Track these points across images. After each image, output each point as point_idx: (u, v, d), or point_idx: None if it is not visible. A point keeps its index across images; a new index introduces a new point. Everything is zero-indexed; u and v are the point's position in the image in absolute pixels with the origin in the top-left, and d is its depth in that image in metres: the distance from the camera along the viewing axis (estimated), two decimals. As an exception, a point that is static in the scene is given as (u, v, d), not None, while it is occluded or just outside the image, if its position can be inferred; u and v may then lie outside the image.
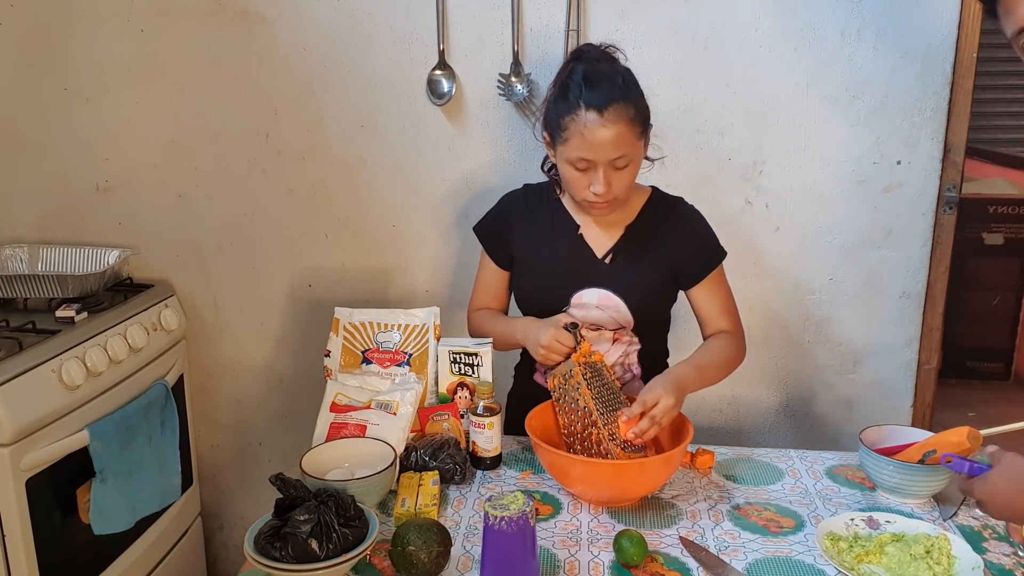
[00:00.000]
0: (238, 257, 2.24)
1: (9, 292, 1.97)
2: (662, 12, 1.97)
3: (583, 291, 1.63)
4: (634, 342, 1.67)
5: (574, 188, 1.54)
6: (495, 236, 1.73)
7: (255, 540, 1.18)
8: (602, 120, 1.44)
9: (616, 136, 1.45)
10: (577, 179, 1.51)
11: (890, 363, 2.15)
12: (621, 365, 1.67)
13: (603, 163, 1.47)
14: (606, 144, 1.45)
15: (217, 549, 2.48)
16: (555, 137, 1.52)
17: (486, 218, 1.75)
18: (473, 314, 1.77)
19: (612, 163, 1.48)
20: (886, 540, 1.27)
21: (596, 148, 1.46)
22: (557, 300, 1.64)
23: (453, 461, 1.49)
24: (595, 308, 1.63)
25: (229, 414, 2.38)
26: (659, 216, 1.65)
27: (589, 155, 1.47)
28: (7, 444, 1.57)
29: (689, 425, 1.45)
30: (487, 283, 1.75)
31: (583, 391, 1.46)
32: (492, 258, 1.73)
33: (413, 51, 2.03)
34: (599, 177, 1.48)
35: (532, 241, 1.68)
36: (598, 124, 1.45)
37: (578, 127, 1.46)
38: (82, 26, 2.10)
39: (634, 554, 1.24)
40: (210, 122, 2.15)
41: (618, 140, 1.46)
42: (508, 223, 1.71)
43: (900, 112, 1.98)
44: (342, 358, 1.68)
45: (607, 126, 1.45)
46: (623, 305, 1.61)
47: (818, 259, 2.09)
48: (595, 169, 1.48)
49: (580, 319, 1.62)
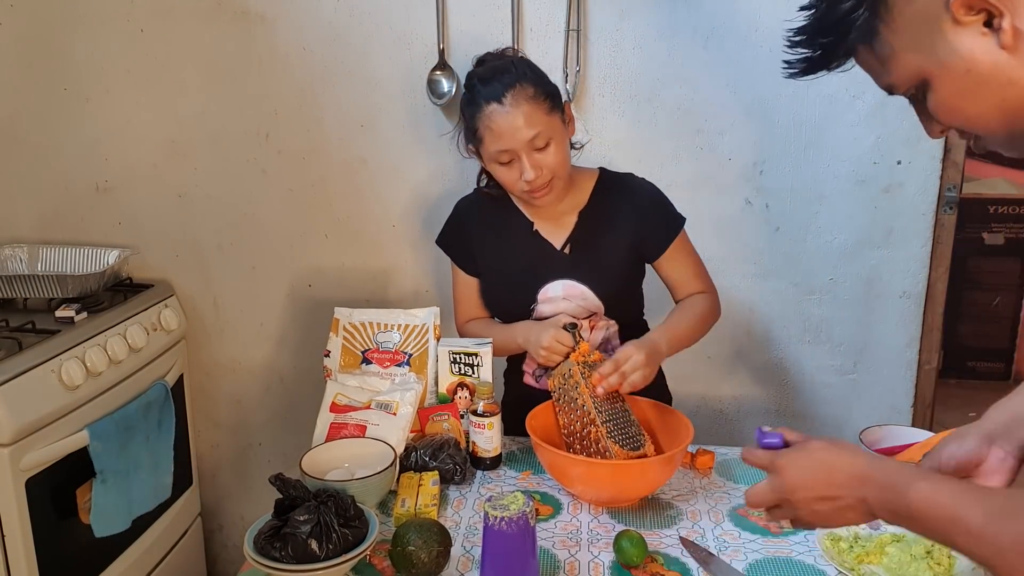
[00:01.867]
0: (238, 257, 2.24)
1: (9, 292, 1.97)
2: (662, 12, 1.97)
3: (547, 285, 1.63)
4: (611, 324, 1.67)
5: (509, 184, 1.55)
6: (458, 245, 1.73)
7: (255, 540, 1.18)
8: (503, 107, 1.48)
9: (523, 117, 1.48)
10: (507, 174, 1.53)
11: (890, 363, 2.15)
12: (606, 350, 1.67)
13: (522, 148, 1.49)
14: (515, 128, 1.48)
15: (217, 549, 2.48)
16: (475, 143, 1.55)
17: (445, 229, 1.75)
18: (465, 326, 1.76)
19: (531, 145, 1.49)
20: (887, 540, 1.26)
21: (507, 135, 1.48)
22: (523, 300, 1.64)
23: (453, 461, 1.49)
24: (562, 300, 1.63)
25: (229, 414, 2.38)
26: (611, 195, 1.65)
27: (504, 144, 1.49)
28: (7, 444, 1.57)
29: (689, 425, 1.45)
30: (466, 293, 1.75)
31: (582, 390, 1.46)
32: (461, 267, 1.74)
33: (413, 51, 2.03)
34: (524, 163, 1.50)
35: (490, 245, 1.69)
36: (501, 112, 1.48)
37: (486, 122, 1.50)
38: (82, 26, 2.10)
39: (634, 554, 1.24)
40: (210, 122, 2.14)
41: (527, 120, 1.48)
42: (466, 230, 1.72)
43: (900, 112, 1.98)
44: (342, 358, 1.68)
45: (510, 111, 1.48)
46: (589, 292, 1.62)
47: (818, 259, 2.09)
48: (518, 158, 1.50)
49: (550, 313, 1.63)
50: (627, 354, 1.46)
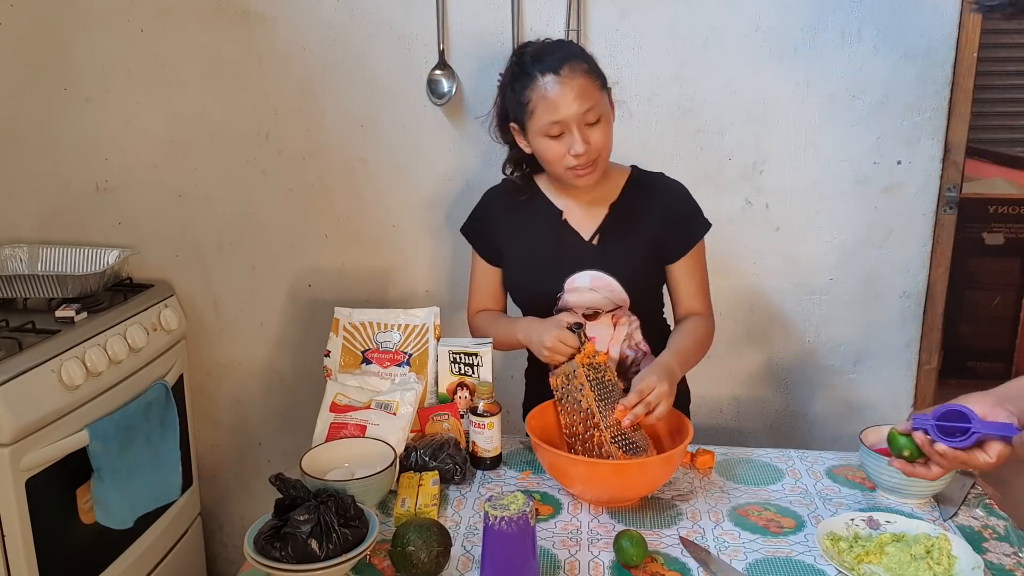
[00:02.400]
0: (238, 257, 2.24)
1: (9, 292, 1.97)
2: (662, 12, 1.97)
3: (574, 275, 1.62)
4: (633, 320, 1.66)
5: (554, 160, 1.54)
6: (481, 234, 1.73)
7: (255, 540, 1.18)
8: (560, 78, 1.48)
9: (578, 89, 1.48)
10: (554, 149, 1.52)
11: (890, 363, 2.15)
12: (629, 346, 1.66)
13: (574, 120, 1.49)
14: (570, 99, 1.48)
15: (217, 549, 2.48)
16: (521, 117, 1.54)
17: (470, 217, 1.75)
18: (474, 317, 1.76)
19: (583, 118, 1.49)
20: (886, 540, 1.26)
21: (563, 106, 1.48)
22: (549, 288, 1.63)
23: (453, 461, 1.49)
24: (589, 291, 1.62)
25: (229, 414, 2.38)
26: (643, 191, 1.65)
27: (558, 115, 1.48)
28: (7, 444, 1.58)
29: (689, 425, 1.45)
30: (482, 283, 1.75)
31: (586, 392, 1.45)
32: (482, 256, 1.73)
33: (413, 51, 2.03)
34: (575, 136, 1.49)
35: (517, 233, 1.68)
36: (557, 82, 1.48)
37: (540, 93, 1.49)
38: (82, 26, 2.10)
39: (634, 554, 1.24)
40: (210, 122, 2.15)
41: (581, 92, 1.48)
42: (491, 219, 1.71)
43: (900, 112, 1.98)
44: (342, 358, 1.68)
45: (567, 82, 1.48)
46: (616, 284, 1.61)
47: (818, 259, 2.09)
48: (568, 130, 1.49)
49: (575, 303, 1.62)
50: (650, 385, 1.43)
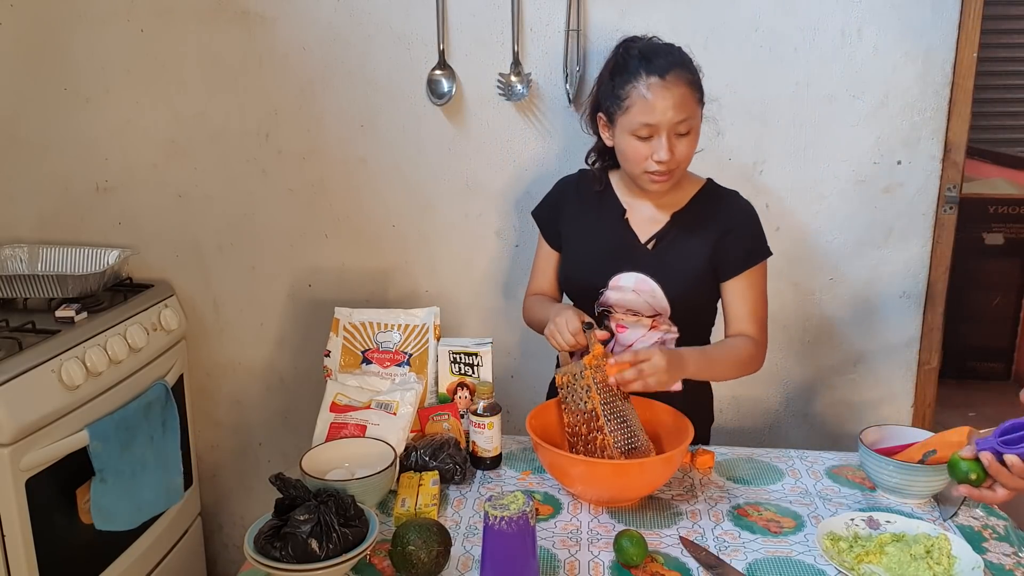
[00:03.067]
0: (238, 257, 2.24)
1: (9, 292, 1.97)
2: (662, 12, 1.97)
3: (621, 274, 1.62)
4: (672, 330, 1.65)
5: (634, 161, 1.53)
6: (548, 218, 1.75)
7: (255, 540, 1.18)
8: (664, 83, 1.47)
9: (679, 98, 1.47)
10: (638, 150, 1.51)
11: (890, 363, 2.15)
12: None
13: (666, 127, 1.48)
14: (668, 106, 1.47)
15: (217, 549, 2.48)
16: (614, 111, 1.52)
17: (541, 202, 1.78)
18: (527, 299, 1.79)
19: (675, 128, 1.49)
20: (886, 540, 1.27)
21: (659, 111, 1.47)
22: (595, 281, 1.64)
23: (453, 461, 1.49)
24: (631, 292, 1.62)
25: (229, 414, 2.38)
26: (709, 205, 1.64)
27: (652, 118, 1.47)
28: (7, 444, 1.57)
29: (689, 425, 1.45)
30: (542, 266, 1.78)
31: (592, 395, 1.45)
32: (546, 240, 1.76)
33: (413, 51, 2.03)
34: (662, 143, 1.48)
35: (579, 223, 1.69)
36: (660, 87, 1.47)
37: (640, 92, 1.48)
38: (82, 26, 2.10)
39: (634, 554, 1.24)
40: (210, 122, 2.14)
41: (680, 103, 1.47)
42: (559, 205, 1.73)
43: (900, 112, 1.98)
44: (342, 358, 1.68)
45: (669, 88, 1.47)
46: (659, 291, 1.60)
47: (818, 259, 2.09)
48: (658, 135, 1.49)
49: (616, 302, 1.62)
50: (648, 354, 1.43)
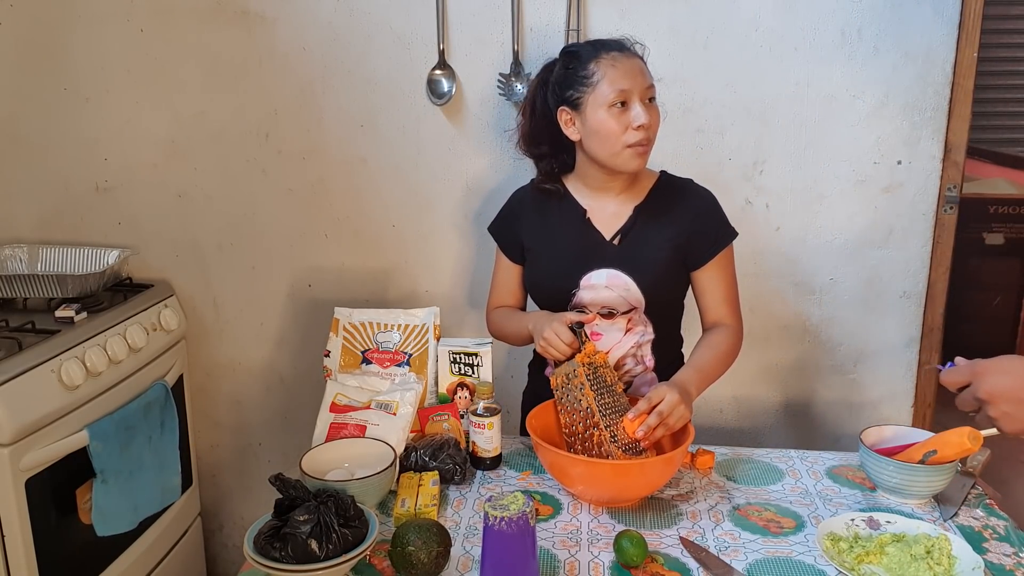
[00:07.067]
0: (238, 257, 2.24)
1: (9, 292, 1.97)
2: (662, 12, 1.97)
3: (591, 273, 1.62)
4: (647, 331, 1.65)
5: (613, 137, 1.53)
6: (506, 232, 1.75)
7: (255, 540, 1.18)
8: (624, 54, 1.54)
9: (642, 66, 1.55)
10: (616, 121, 1.52)
11: (890, 363, 2.15)
12: (633, 356, 1.66)
13: (638, 91, 1.52)
14: (637, 71, 1.53)
15: (217, 549, 2.48)
16: (581, 94, 1.54)
17: (498, 216, 1.77)
18: (491, 313, 1.78)
19: (645, 93, 1.53)
20: (886, 540, 1.26)
21: (629, 76, 1.52)
22: (566, 284, 1.64)
23: (453, 461, 1.49)
24: (604, 288, 1.62)
25: (229, 414, 2.38)
26: (669, 196, 1.65)
27: (625, 83, 1.51)
28: (7, 444, 1.57)
29: (690, 426, 1.45)
30: (502, 280, 1.77)
31: (586, 392, 1.45)
32: (505, 254, 1.75)
33: (413, 51, 2.03)
34: (638, 108, 1.52)
35: (540, 231, 1.69)
36: (623, 56, 1.54)
37: (606, 64, 1.53)
38: (82, 26, 2.10)
39: (634, 554, 1.24)
40: (210, 122, 2.15)
41: (644, 70, 1.55)
42: (516, 218, 1.73)
43: (900, 112, 1.98)
44: (342, 358, 1.68)
45: (631, 58, 1.55)
46: (632, 283, 1.60)
47: (818, 259, 2.09)
48: (632, 101, 1.52)
49: (591, 301, 1.62)
50: (660, 394, 1.42)
